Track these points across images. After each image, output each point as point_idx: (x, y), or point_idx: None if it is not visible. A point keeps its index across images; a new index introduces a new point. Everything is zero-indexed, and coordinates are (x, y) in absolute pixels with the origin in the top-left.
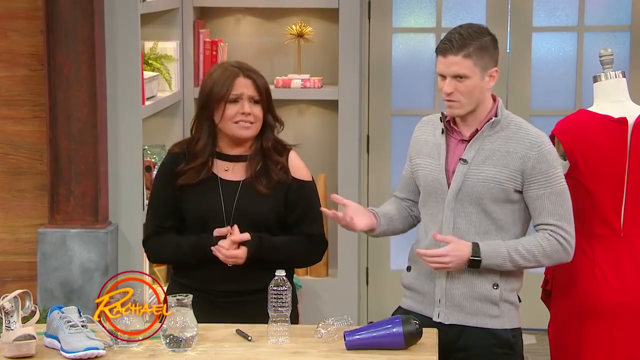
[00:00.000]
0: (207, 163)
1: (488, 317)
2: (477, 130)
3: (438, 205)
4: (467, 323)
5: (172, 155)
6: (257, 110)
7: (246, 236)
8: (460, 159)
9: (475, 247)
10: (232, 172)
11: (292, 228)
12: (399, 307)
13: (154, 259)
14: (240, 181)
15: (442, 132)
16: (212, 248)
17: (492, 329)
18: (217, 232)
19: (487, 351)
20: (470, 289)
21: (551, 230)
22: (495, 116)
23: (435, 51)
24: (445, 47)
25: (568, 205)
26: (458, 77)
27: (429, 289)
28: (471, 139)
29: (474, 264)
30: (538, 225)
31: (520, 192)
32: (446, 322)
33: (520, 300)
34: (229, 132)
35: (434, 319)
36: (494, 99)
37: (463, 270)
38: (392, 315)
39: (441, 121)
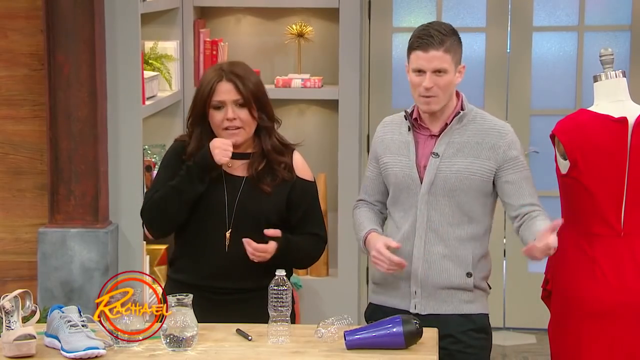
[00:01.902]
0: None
1: (463, 302)
2: (446, 125)
3: (410, 200)
4: (443, 311)
5: (182, 143)
6: (244, 114)
7: (278, 232)
8: (432, 153)
9: None
10: (234, 168)
11: (295, 228)
12: (370, 303)
13: (149, 220)
14: (243, 177)
15: (409, 130)
16: (244, 240)
17: (469, 313)
18: None
19: (467, 337)
20: (446, 279)
21: (538, 209)
22: (462, 109)
23: (411, 47)
24: (427, 42)
25: (535, 190)
26: (438, 71)
27: (402, 283)
28: (440, 133)
29: None
30: (521, 206)
31: (492, 183)
32: (423, 313)
33: (490, 288)
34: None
35: (410, 311)
36: (457, 94)
37: None
38: (365, 312)
39: (406, 119)
